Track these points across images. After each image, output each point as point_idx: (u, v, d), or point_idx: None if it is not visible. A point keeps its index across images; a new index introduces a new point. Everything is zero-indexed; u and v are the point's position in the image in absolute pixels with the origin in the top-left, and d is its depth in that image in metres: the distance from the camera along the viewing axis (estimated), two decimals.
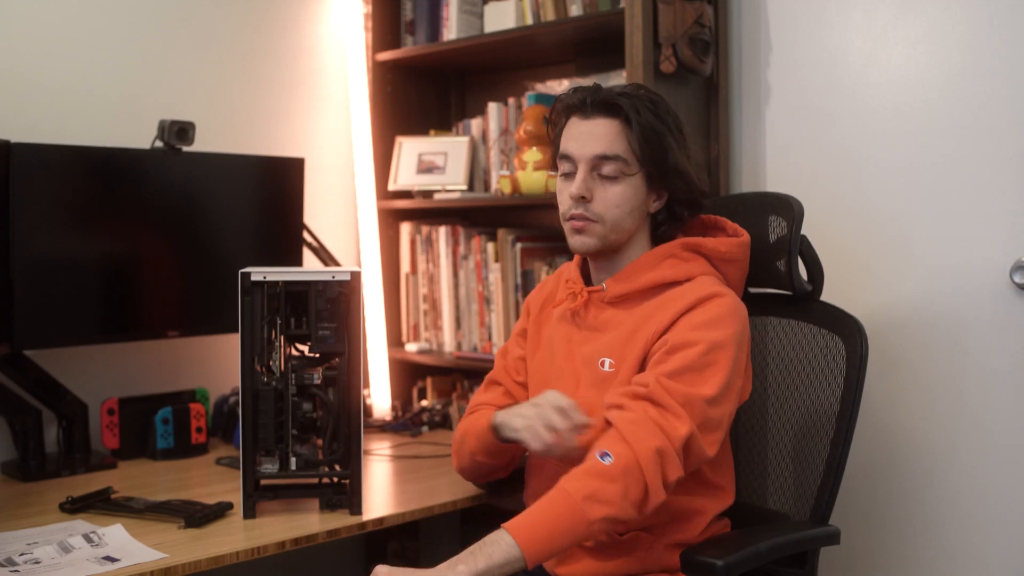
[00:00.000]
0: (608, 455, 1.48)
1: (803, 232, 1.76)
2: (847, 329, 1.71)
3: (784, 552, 1.60)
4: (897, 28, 2.07)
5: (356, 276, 1.78)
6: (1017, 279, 1.91)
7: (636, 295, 1.68)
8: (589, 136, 1.65)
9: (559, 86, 2.57)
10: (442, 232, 2.67)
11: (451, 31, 2.60)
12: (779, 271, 1.76)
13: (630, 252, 1.70)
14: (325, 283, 1.77)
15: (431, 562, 1.40)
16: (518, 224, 2.62)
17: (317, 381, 1.78)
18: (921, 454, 2.05)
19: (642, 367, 1.61)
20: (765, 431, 1.86)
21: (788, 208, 1.76)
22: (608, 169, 1.64)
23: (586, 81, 2.42)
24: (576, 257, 1.80)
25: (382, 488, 2.01)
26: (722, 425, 1.57)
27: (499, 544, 1.41)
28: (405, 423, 2.55)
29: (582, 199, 1.65)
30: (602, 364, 1.66)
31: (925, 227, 2.04)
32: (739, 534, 1.65)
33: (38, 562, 1.52)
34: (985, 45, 1.95)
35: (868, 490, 2.12)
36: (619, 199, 1.65)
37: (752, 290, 1.87)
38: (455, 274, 2.64)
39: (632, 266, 1.69)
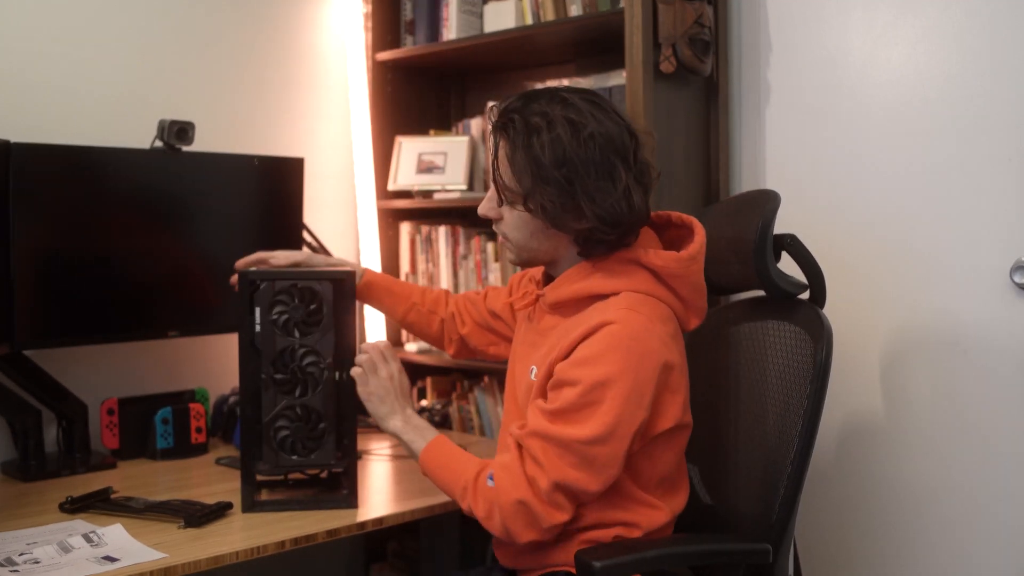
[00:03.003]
0: (491, 480, 1.55)
1: (800, 231, 1.73)
2: (818, 332, 1.62)
3: (676, 563, 1.57)
4: (897, 28, 2.07)
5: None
6: (1017, 279, 1.91)
7: (571, 304, 1.61)
8: (490, 154, 1.61)
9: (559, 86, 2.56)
10: (442, 232, 2.67)
11: (451, 31, 2.60)
12: (766, 271, 1.68)
13: (564, 263, 1.64)
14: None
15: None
16: None
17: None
18: (921, 455, 2.05)
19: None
20: (737, 435, 1.78)
21: (763, 202, 1.68)
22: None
23: (586, 81, 2.42)
24: None
25: (382, 488, 2.01)
26: (612, 463, 1.50)
27: (416, 443, 1.67)
28: None
29: (489, 218, 1.64)
30: (531, 371, 1.62)
31: (925, 227, 2.04)
32: (640, 541, 1.60)
33: (38, 562, 1.52)
34: (985, 45, 1.95)
35: (867, 491, 2.12)
36: (512, 224, 1.61)
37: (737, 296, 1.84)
38: (455, 274, 2.64)
39: (565, 275, 1.62)
